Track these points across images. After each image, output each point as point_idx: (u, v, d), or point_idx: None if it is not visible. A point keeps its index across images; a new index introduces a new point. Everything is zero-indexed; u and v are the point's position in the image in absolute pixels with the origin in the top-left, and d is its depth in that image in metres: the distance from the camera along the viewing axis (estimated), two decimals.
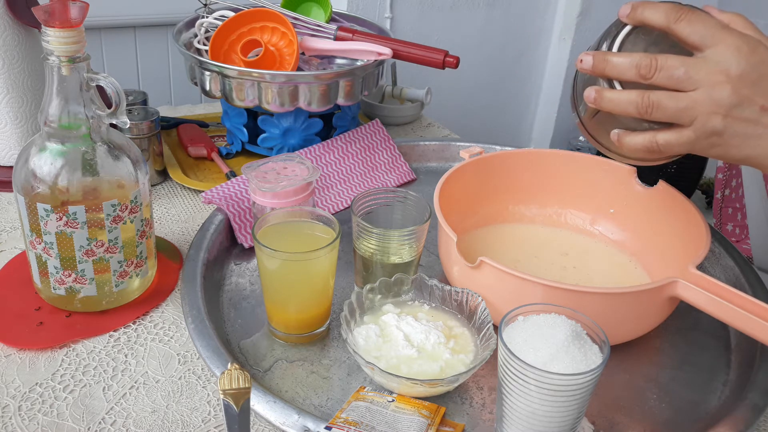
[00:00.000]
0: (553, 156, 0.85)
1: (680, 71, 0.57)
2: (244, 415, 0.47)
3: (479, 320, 0.65)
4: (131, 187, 0.67)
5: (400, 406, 0.59)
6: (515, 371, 0.50)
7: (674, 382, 0.67)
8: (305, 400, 0.62)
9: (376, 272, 0.73)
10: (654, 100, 0.58)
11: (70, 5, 0.59)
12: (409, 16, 1.57)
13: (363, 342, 0.64)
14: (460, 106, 1.76)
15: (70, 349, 0.66)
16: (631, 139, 0.61)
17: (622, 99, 0.59)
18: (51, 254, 0.66)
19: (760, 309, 0.58)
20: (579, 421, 0.53)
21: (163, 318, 0.71)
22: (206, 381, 0.64)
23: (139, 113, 0.92)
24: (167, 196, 0.94)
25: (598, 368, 0.50)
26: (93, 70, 0.63)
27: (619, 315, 0.64)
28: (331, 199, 0.92)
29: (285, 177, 0.76)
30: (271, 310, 0.69)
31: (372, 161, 0.98)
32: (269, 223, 0.68)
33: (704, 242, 0.68)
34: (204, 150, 1.02)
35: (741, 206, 1.03)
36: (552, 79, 1.83)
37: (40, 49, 0.88)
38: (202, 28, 0.99)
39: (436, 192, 0.74)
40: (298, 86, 0.89)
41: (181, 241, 0.84)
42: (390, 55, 0.93)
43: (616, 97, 0.60)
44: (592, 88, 0.61)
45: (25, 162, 0.64)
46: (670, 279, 0.62)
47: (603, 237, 0.84)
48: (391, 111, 1.19)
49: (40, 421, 0.59)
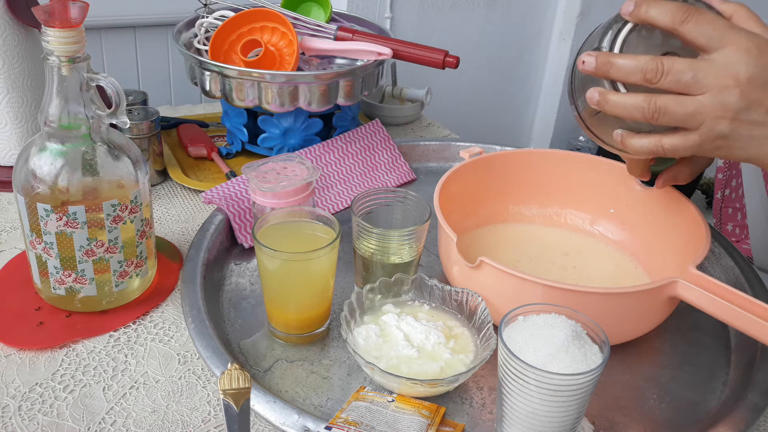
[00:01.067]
0: (553, 156, 0.84)
1: (688, 76, 0.55)
2: (244, 415, 0.47)
3: (479, 320, 0.65)
4: (131, 187, 0.67)
5: (400, 406, 0.59)
6: (515, 371, 0.50)
7: (674, 382, 0.67)
8: (305, 400, 0.62)
9: (376, 272, 0.73)
10: (661, 105, 0.56)
11: (70, 5, 0.59)
12: (409, 16, 1.57)
13: (363, 342, 0.64)
14: (460, 106, 1.76)
15: (70, 349, 0.66)
16: (636, 142, 0.60)
17: (627, 103, 0.58)
18: (51, 254, 0.66)
19: (760, 309, 0.58)
20: (579, 421, 0.53)
21: (163, 318, 0.71)
22: (206, 381, 0.64)
23: (139, 113, 0.92)
24: (167, 196, 0.94)
25: (598, 368, 0.50)
26: (93, 70, 0.63)
27: (619, 315, 0.64)
28: (331, 199, 0.92)
29: (285, 177, 0.76)
30: (271, 310, 0.69)
31: (372, 161, 0.98)
32: (269, 223, 0.68)
33: (704, 242, 0.68)
34: (204, 150, 1.02)
35: (741, 206, 1.03)
36: (552, 79, 1.83)
37: (40, 49, 0.88)
38: (202, 28, 0.99)
39: (436, 192, 0.74)
40: (298, 86, 0.89)
41: (181, 241, 0.84)
42: (390, 55, 0.93)
43: (621, 101, 0.58)
44: (595, 90, 0.59)
45: (25, 162, 0.64)
46: (670, 279, 0.62)
47: (603, 237, 0.84)
48: (391, 111, 1.19)
49: (40, 421, 0.59)
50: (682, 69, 0.55)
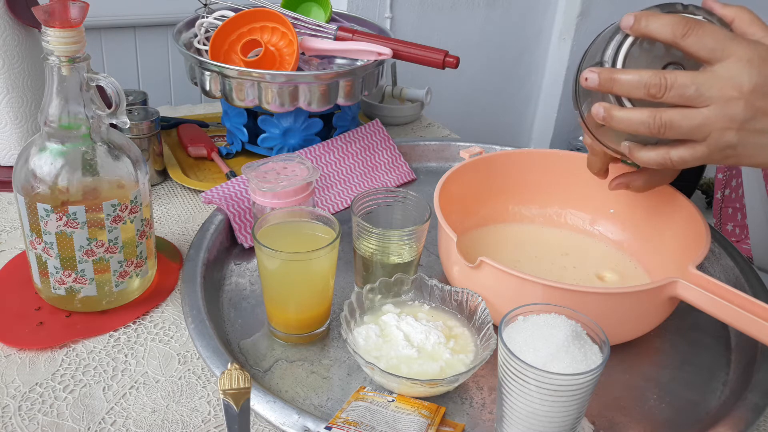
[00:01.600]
0: (553, 156, 0.84)
1: (691, 89, 0.55)
2: (244, 415, 0.47)
3: (479, 320, 0.65)
4: (131, 187, 0.67)
5: (400, 406, 0.59)
6: (515, 371, 0.50)
7: (674, 382, 0.67)
8: (305, 400, 0.62)
9: (376, 272, 0.73)
10: (666, 120, 0.56)
11: (70, 5, 0.59)
12: (409, 16, 1.57)
13: (363, 342, 0.64)
14: (460, 106, 1.76)
15: (70, 349, 0.66)
16: (645, 154, 0.60)
17: (632, 119, 0.58)
18: (51, 254, 0.66)
19: (760, 309, 0.58)
20: (579, 421, 0.53)
21: (163, 318, 0.71)
22: (206, 381, 0.64)
23: (139, 113, 0.92)
24: (167, 196, 0.94)
25: (598, 368, 0.50)
26: (93, 70, 0.63)
27: (619, 315, 0.64)
28: (331, 199, 0.92)
29: (285, 177, 0.76)
30: (271, 310, 0.69)
31: (372, 161, 0.98)
32: (269, 223, 0.68)
33: (704, 242, 0.68)
34: (204, 150, 1.02)
35: (741, 206, 1.03)
36: (552, 79, 1.83)
37: (40, 49, 0.88)
38: (202, 28, 0.99)
39: (436, 192, 0.74)
40: (298, 86, 0.89)
41: (181, 241, 0.84)
42: (390, 55, 0.93)
43: (626, 117, 0.58)
44: (600, 106, 0.60)
45: (25, 162, 0.64)
46: (670, 279, 0.62)
47: (603, 237, 0.84)
48: (391, 111, 1.19)
49: (40, 421, 0.59)
50: (685, 83, 0.55)
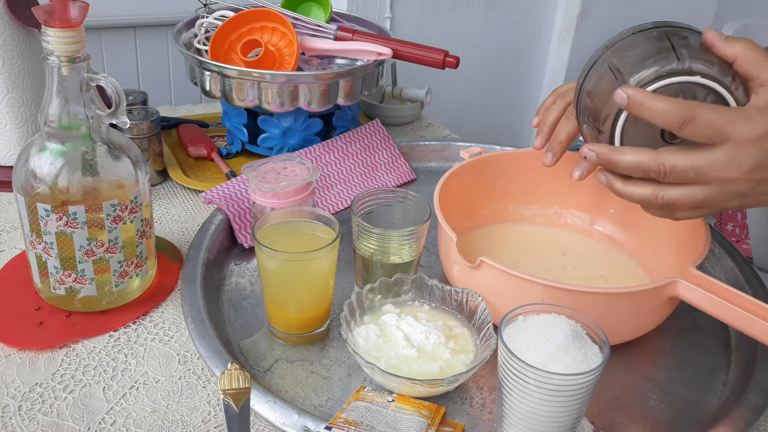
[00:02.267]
0: None
1: (690, 174, 0.55)
2: (244, 415, 0.47)
3: (479, 320, 0.65)
4: (131, 187, 0.67)
5: (400, 406, 0.59)
6: (515, 371, 0.50)
7: (674, 382, 0.67)
8: (305, 400, 0.62)
9: (376, 272, 0.73)
10: (668, 200, 0.57)
11: (70, 5, 0.59)
12: (409, 16, 1.57)
13: (363, 342, 0.64)
14: (460, 106, 1.76)
15: (70, 349, 0.66)
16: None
17: (635, 194, 0.59)
18: (51, 254, 0.66)
19: (760, 309, 0.58)
20: (579, 421, 0.53)
21: (163, 318, 0.71)
22: (206, 381, 0.64)
23: (139, 113, 0.92)
24: (167, 196, 0.94)
25: (598, 368, 0.50)
26: (93, 70, 0.63)
27: (619, 315, 0.64)
28: (331, 199, 0.92)
29: (285, 177, 0.76)
30: (271, 310, 0.69)
31: (372, 161, 0.98)
32: (269, 223, 0.68)
33: (704, 242, 0.68)
34: (204, 150, 1.02)
35: None
36: (552, 79, 1.83)
37: (40, 49, 0.88)
38: (202, 28, 0.99)
39: (436, 192, 0.74)
40: (298, 86, 0.89)
41: (181, 241, 0.84)
42: (390, 55, 0.93)
43: (629, 192, 0.59)
44: (602, 174, 0.60)
45: (25, 162, 0.64)
46: (670, 279, 0.62)
47: (603, 237, 0.84)
48: (391, 111, 1.19)
49: (40, 421, 0.59)
50: (683, 168, 0.55)
